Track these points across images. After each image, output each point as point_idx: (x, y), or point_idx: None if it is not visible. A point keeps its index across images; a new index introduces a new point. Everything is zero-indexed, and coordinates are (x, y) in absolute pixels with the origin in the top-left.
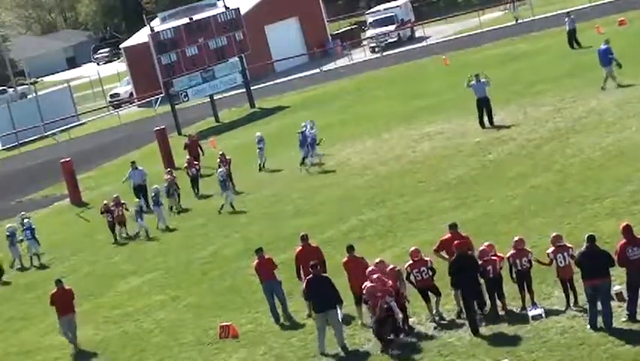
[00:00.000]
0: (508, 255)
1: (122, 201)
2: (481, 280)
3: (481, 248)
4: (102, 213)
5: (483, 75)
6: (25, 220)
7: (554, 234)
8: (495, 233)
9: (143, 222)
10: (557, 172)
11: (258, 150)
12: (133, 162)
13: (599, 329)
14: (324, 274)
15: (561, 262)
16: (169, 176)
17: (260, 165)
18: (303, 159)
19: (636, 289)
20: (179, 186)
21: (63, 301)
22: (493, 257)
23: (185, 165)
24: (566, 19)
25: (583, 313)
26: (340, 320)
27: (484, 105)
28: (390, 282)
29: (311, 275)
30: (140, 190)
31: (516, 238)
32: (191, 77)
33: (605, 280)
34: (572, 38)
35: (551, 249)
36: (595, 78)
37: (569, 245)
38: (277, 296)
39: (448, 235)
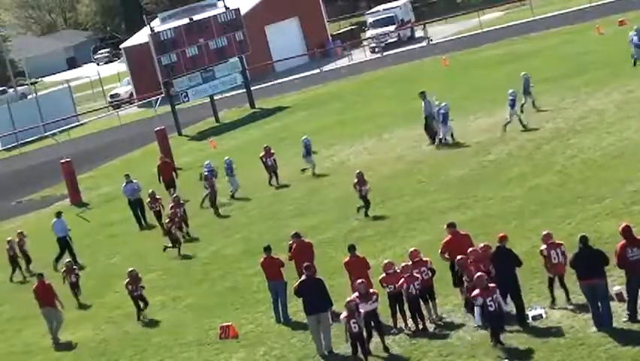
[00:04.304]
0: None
1: (182, 201)
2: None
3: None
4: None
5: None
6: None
7: (545, 232)
8: (495, 233)
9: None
10: (557, 172)
11: (440, 121)
12: (127, 175)
13: (599, 329)
14: (318, 277)
15: (554, 258)
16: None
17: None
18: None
19: (636, 289)
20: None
21: (43, 294)
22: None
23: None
24: None
25: (583, 313)
26: (331, 323)
27: (430, 123)
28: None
29: (304, 277)
30: (137, 204)
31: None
32: (192, 77)
33: (602, 279)
34: None
35: (544, 246)
36: (595, 78)
37: (560, 242)
38: (279, 297)
39: (449, 237)
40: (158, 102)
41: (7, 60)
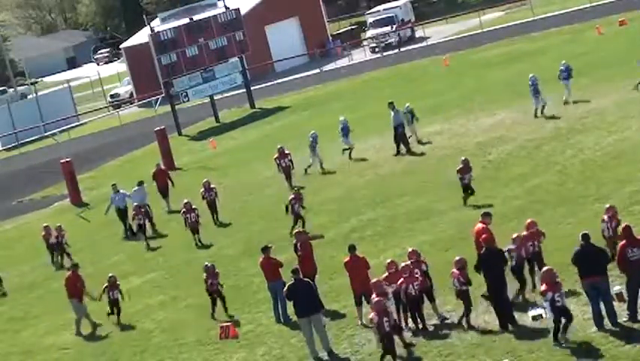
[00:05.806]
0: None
1: (194, 207)
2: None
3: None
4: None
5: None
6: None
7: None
8: (495, 233)
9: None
10: (557, 172)
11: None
12: (114, 185)
13: (600, 329)
14: (306, 279)
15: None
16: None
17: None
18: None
19: (636, 289)
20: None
21: (70, 285)
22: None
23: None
24: None
25: (583, 313)
26: (324, 325)
27: (399, 133)
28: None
29: (293, 280)
30: (123, 214)
31: (514, 235)
32: (192, 77)
33: (604, 277)
34: None
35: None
36: (595, 78)
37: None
38: (279, 297)
39: (478, 226)
40: (158, 102)
41: (7, 60)
